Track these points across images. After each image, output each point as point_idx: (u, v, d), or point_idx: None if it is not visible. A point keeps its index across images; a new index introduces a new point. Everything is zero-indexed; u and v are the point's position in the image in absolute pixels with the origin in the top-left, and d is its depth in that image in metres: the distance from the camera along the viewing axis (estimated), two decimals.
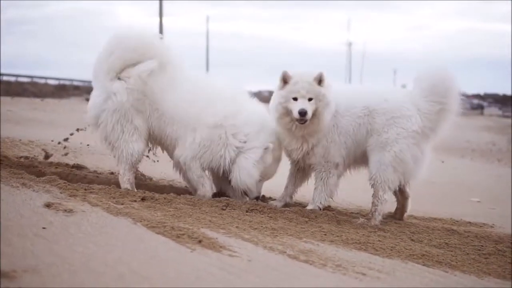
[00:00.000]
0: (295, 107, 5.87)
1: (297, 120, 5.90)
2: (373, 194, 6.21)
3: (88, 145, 8.30)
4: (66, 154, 7.54)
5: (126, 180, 6.10)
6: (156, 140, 6.30)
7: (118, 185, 6.07)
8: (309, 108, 5.86)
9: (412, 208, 7.15)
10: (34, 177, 5.72)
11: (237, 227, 4.98)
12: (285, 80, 5.99)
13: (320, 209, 6.22)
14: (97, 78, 6.16)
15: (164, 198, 5.58)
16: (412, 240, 5.55)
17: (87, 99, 6.25)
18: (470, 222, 6.93)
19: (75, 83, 46.62)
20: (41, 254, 3.56)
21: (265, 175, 6.26)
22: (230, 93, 6.28)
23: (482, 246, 5.64)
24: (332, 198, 6.40)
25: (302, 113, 5.82)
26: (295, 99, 5.91)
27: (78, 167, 6.63)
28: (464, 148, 22.41)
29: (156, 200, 5.52)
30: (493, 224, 7.01)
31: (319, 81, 5.96)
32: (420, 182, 6.57)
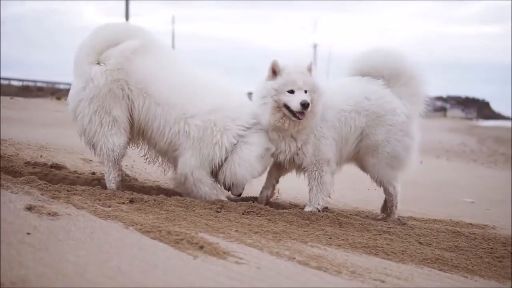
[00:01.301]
0: (294, 100, 5.43)
1: (296, 114, 5.45)
2: (384, 192, 6.19)
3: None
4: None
5: (112, 179, 5.61)
6: (140, 129, 5.70)
7: (101, 185, 5.61)
8: (309, 100, 5.45)
9: (408, 209, 6.89)
10: (10, 177, 5.24)
11: (236, 231, 4.57)
12: (274, 71, 5.53)
13: (319, 211, 5.83)
14: (77, 65, 5.64)
15: (154, 200, 5.13)
16: (420, 243, 5.23)
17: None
18: (471, 224, 6.63)
19: (39, 84, 45.56)
20: (30, 264, 3.12)
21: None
22: (228, 83, 5.85)
23: (492, 248, 5.36)
24: (330, 197, 6.05)
25: (306, 104, 5.38)
26: (291, 91, 5.47)
27: (57, 167, 6.11)
28: (438, 149, 22.33)
29: (146, 202, 5.07)
30: (494, 226, 6.73)
31: (310, 71, 5.62)
32: (407, 183, 6.51)
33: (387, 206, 6.25)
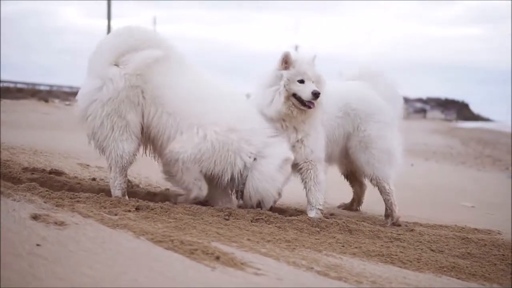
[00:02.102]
0: (306, 89, 5.60)
1: (306, 103, 5.60)
2: (380, 192, 6.31)
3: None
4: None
5: (117, 185, 5.41)
6: (150, 137, 5.52)
7: (105, 192, 5.42)
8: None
9: (411, 214, 6.80)
10: (10, 184, 5.03)
11: (248, 239, 4.42)
12: (286, 61, 5.66)
13: (323, 213, 5.84)
14: (93, 63, 5.43)
15: (161, 208, 4.96)
16: (432, 250, 5.12)
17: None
18: (476, 229, 6.52)
19: (19, 85, 44.96)
20: (44, 277, 2.95)
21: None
22: (242, 97, 5.74)
23: (503, 255, 5.27)
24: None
25: (318, 94, 5.57)
26: (301, 81, 5.63)
27: (57, 172, 5.90)
28: (425, 151, 22.38)
29: (152, 209, 4.90)
30: (499, 231, 6.63)
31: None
32: (404, 187, 6.76)
33: (386, 206, 6.34)
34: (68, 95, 39.90)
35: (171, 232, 4.21)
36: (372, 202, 6.99)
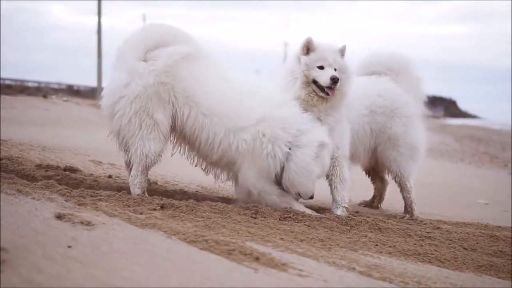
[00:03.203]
0: (324, 75, 5.42)
1: (324, 88, 5.42)
2: (400, 189, 6.27)
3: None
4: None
5: (137, 183, 5.19)
6: (185, 138, 5.33)
7: (123, 190, 5.21)
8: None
9: (432, 212, 6.65)
10: (27, 182, 4.80)
11: (281, 238, 4.23)
12: (308, 47, 5.49)
13: (348, 210, 5.70)
14: (121, 59, 5.22)
15: (186, 206, 4.75)
16: (465, 248, 4.95)
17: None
18: (499, 227, 6.35)
19: (7, 82, 44.54)
20: (83, 281, 2.74)
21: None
22: (271, 89, 5.53)
23: None
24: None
25: (336, 79, 5.37)
26: (320, 67, 5.45)
27: (71, 169, 5.66)
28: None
29: (178, 208, 4.69)
30: None
31: (342, 54, 5.60)
32: (419, 185, 6.54)
33: (406, 204, 6.29)
34: (57, 91, 39.53)
35: (203, 232, 4.01)
36: (392, 199, 6.83)
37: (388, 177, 6.55)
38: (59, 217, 3.78)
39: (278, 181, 5.33)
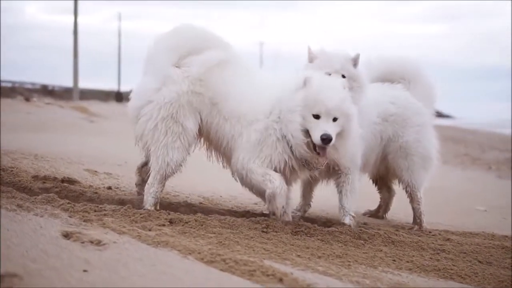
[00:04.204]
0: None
1: None
2: (410, 200, 6.08)
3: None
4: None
5: (152, 193, 4.98)
6: (212, 142, 5.14)
7: (125, 202, 4.99)
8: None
9: (430, 220, 6.50)
10: (26, 195, 4.55)
11: (298, 255, 4.05)
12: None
13: (353, 218, 5.52)
14: (152, 61, 5.05)
15: (195, 220, 4.53)
16: (480, 262, 4.82)
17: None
18: (506, 236, 6.23)
19: None
20: None
21: None
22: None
23: None
24: None
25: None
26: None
27: (70, 181, 5.40)
28: None
29: (187, 223, 4.47)
30: None
31: (355, 63, 5.37)
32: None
33: (415, 215, 6.13)
34: (31, 91, 38.89)
35: (218, 250, 3.80)
36: (395, 209, 6.68)
37: (397, 187, 6.36)
38: (66, 235, 3.58)
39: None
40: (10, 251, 3.09)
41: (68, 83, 47.53)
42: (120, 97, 57.03)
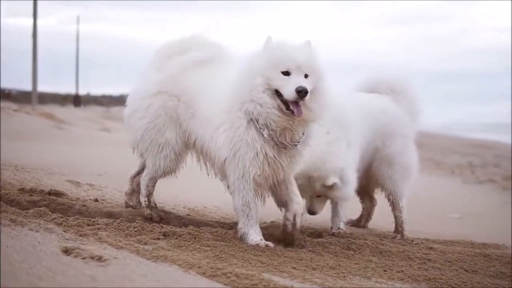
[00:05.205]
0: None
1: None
2: (392, 208, 6.17)
3: None
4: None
5: (144, 185, 5.14)
6: (197, 150, 5.03)
7: (113, 215, 4.98)
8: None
9: (408, 228, 6.61)
10: (17, 209, 4.50)
11: (294, 268, 4.10)
12: None
13: (340, 228, 5.73)
14: (147, 67, 5.11)
15: (188, 233, 4.54)
16: (466, 270, 4.90)
17: None
18: (485, 244, 6.37)
19: None
20: None
21: None
22: None
23: None
24: None
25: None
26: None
27: (56, 193, 5.34)
28: None
29: (180, 236, 4.48)
30: (504, 245, 6.48)
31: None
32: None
33: (397, 223, 6.22)
34: None
35: (216, 263, 3.84)
36: (375, 217, 6.78)
37: (378, 195, 6.47)
38: (66, 251, 3.55)
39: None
40: (14, 269, 3.06)
41: (25, 86, 46.78)
42: (78, 101, 56.33)
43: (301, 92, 4.25)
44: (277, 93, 4.38)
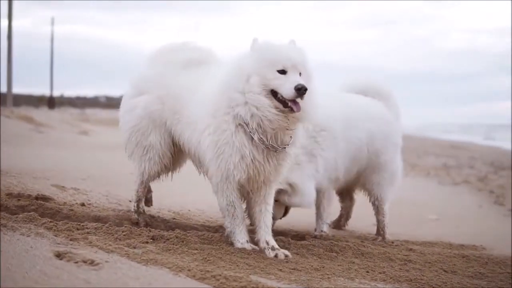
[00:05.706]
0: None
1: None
2: (376, 212, 6.21)
3: None
4: None
5: (135, 190, 5.29)
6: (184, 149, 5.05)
7: (100, 219, 5.06)
8: None
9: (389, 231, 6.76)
10: (7, 214, 4.56)
11: (280, 270, 4.20)
12: None
13: (323, 230, 5.84)
14: (138, 71, 5.26)
15: (176, 237, 4.63)
16: (446, 271, 5.04)
17: None
18: (463, 245, 6.53)
19: None
20: None
21: None
22: None
23: (508, 273, 5.26)
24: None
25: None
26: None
27: (44, 198, 5.39)
28: None
29: (168, 239, 4.58)
30: (482, 246, 6.65)
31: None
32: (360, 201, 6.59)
33: (379, 227, 6.28)
34: None
35: (205, 266, 3.93)
36: (354, 218, 6.91)
37: (356, 196, 6.60)
38: (58, 255, 3.63)
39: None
40: (11, 273, 3.14)
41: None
42: (52, 103, 55.81)
43: (301, 90, 4.24)
44: (272, 93, 4.36)
